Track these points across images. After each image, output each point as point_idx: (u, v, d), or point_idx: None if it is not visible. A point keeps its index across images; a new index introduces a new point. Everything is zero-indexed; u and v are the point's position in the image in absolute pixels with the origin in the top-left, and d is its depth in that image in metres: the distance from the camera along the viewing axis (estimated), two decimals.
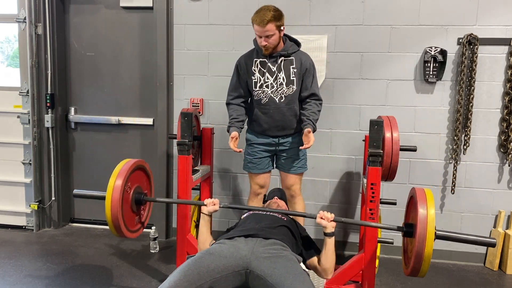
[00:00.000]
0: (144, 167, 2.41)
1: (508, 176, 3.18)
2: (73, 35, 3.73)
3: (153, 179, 2.51)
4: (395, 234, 3.30)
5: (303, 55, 2.68)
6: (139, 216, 2.38)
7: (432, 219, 1.86)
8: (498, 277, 3.06)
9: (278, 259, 1.78)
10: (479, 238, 1.94)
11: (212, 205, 2.23)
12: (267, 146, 2.76)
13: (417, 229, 1.88)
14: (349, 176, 3.37)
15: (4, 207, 3.79)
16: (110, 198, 2.12)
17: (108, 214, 2.13)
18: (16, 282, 2.79)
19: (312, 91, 2.68)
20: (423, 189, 2.03)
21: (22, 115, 3.63)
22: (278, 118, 2.67)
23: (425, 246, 1.84)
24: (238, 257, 1.78)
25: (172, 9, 3.42)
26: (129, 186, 2.24)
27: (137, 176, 2.34)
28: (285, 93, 2.64)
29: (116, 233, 2.20)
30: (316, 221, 2.09)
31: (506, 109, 3.08)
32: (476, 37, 3.03)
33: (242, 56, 2.76)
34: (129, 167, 2.22)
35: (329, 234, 2.07)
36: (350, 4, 3.20)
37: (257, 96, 2.68)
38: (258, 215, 2.20)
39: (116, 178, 2.16)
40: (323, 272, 2.08)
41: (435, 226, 1.87)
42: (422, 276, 1.95)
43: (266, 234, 1.94)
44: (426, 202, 1.92)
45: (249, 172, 2.84)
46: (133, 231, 2.33)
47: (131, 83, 3.70)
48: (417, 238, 1.87)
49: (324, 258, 2.07)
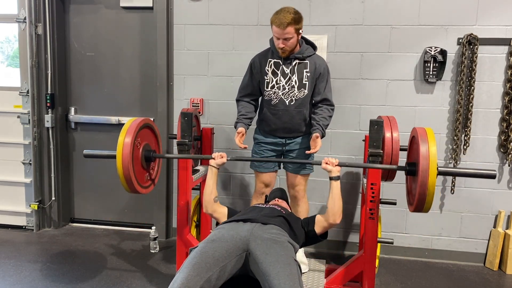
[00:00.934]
0: (152, 125, 2.43)
1: (508, 176, 3.18)
2: (73, 35, 3.73)
3: (160, 138, 2.53)
4: (395, 234, 3.31)
5: (318, 59, 2.66)
6: (149, 174, 2.40)
7: (433, 155, 1.93)
8: (498, 277, 3.06)
9: (274, 244, 1.83)
10: (479, 171, 2.02)
11: (220, 157, 2.31)
12: (274, 146, 2.76)
13: (420, 165, 1.93)
14: (349, 176, 3.37)
15: (4, 207, 3.79)
16: (120, 154, 2.14)
17: (120, 170, 2.15)
18: (16, 282, 2.79)
19: (325, 96, 2.66)
20: (424, 128, 2.08)
21: (22, 115, 3.63)
22: (286, 120, 2.67)
23: (428, 181, 1.90)
24: (238, 239, 1.85)
25: (172, 9, 3.42)
26: (139, 142, 2.26)
27: (145, 134, 2.37)
28: (296, 96, 2.63)
29: (128, 188, 2.23)
30: (321, 166, 2.20)
31: (506, 109, 3.08)
32: (476, 37, 3.03)
33: (257, 54, 2.74)
34: (137, 125, 2.24)
35: (335, 178, 2.17)
36: (350, 4, 3.20)
37: (268, 96, 2.67)
38: (257, 207, 2.26)
39: (125, 135, 2.17)
40: (333, 216, 2.13)
41: (437, 162, 1.93)
42: (426, 211, 2.01)
43: (265, 220, 2.00)
44: (427, 140, 1.97)
45: (255, 170, 2.85)
46: (145, 186, 2.36)
47: (131, 83, 3.70)
48: (420, 173, 1.92)
49: (331, 202, 2.14)
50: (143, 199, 3.77)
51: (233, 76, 3.34)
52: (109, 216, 3.86)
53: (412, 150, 2.25)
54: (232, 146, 3.42)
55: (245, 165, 3.42)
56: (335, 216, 2.13)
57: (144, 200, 3.76)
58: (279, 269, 1.71)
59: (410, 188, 2.26)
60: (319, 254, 3.37)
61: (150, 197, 3.68)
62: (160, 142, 2.53)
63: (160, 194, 3.57)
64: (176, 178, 2.69)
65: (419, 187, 1.94)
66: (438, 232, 3.30)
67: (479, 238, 3.26)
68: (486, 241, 3.25)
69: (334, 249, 3.46)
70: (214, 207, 2.27)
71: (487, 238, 3.24)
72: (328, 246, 3.45)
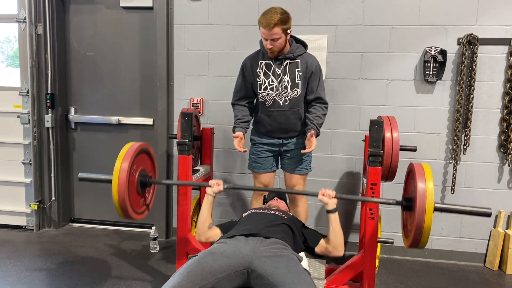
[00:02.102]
0: (148, 150, 2.42)
1: (508, 176, 3.18)
2: (73, 35, 3.73)
3: (156, 162, 2.52)
4: (395, 234, 3.31)
5: (309, 58, 2.65)
6: (144, 199, 2.39)
7: (431, 192, 1.91)
8: (498, 277, 3.06)
9: (280, 259, 1.79)
10: (474, 208, 2.01)
11: (217, 185, 2.27)
12: (271, 147, 2.76)
13: (417, 202, 1.92)
14: (349, 176, 3.37)
15: (4, 207, 3.79)
16: (117, 180, 2.12)
17: (115, 196, 2.13)
18: (16, 282, 2.79)
19: (318, 95, 2.66)
20: (421, 164, 2.07)
21: (22, 115, 3.63)
22: (281, 121, 2.67)
23: (425, 218, 1.89)
24: (240, 257, 1.80)
25: (172, 9, 3.42)
26: (135, 169, 2.25)
27: (142, 159, 2.35)
28: (289, 96, 2.62)
29: (122, 215, 2.20)
30: (318, 198, 2.16)
31: (506, 109, 3.08)
32: (476, 37, 3.02)
33: (248, 57, 2.74)
34: (134, 150, 2.23)
35: (332, 211, 2.13)
36: (350, 4, 3.20)
37: (262, 98, 2.67)
38: (259, 213, 2.22)
39: (122, 160, 2.16)
40: (335, 249, 2.12)
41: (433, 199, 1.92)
42: (422, 247, 2.00)
43: (267, 233, 1.95)
44: (425, 176, 1.96)
45: (253, 171, 2.85)
46: (139, 212, 2.34)
47: (131, 83, 3.70)
48: (417, 210, 1.91)
49: (333, 235, 2.11)
50: None
51: (233, 76, 3.33)
52: (109, 216, 3.86)
53: (408, 185, 2.22)
54: (231, 146, 3.41)
55: (243, 165, 3.42)
56: (338, 249, 2.12)
57: None
58: (293, 278, 1.69)
59: (405, 223, 2.22)
60: None
61: None
62: (156, 167, 2.51)
63: (160, 194, 3.57)
64: (176, 178, 2.69)
65: (415, 224, 1.91)
66: (438, 232, 3.30)
67: (479, 238, 3.25)
68: (486, 241, 3.24)
69: None
70: (207, 235, 2.22)
71: (487, 238, 3.24)
72: None
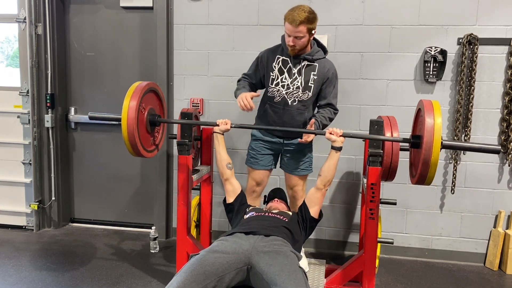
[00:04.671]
0: (156, 89, 2.42)
1: (508, 176, 3.18)
2: (73, 35, 3.73)
3: (165, 102, 2.53)
4: (395, 234, 3.31)
5: (327, 63, 2.62)
6: (154, 138, 2.40)
7: (438, 128, 1.91)
8: (498, 277, 3.06)
9: (277, 255, 1.81)
10: (483, 145, 2.00)
11: (224, 124, 2.38)
12: (272, 145, 2.74)
13: (424, 137, 1.92)
14: (349, 176, 3.37)
15: (4, 207, 3.79)
16: (126, 118, 2.14)
17: (125, 134, 2.15)
18: (16, 282, 2.79)
19: (329, 101, 2.63)
20: (431, 100, 2.06)
21: (22, 115, 3.63)
22: (286, 119, 2.63)
23: (432, 153, 1.89)
24: (241, 252, 1.83)
25: (172, 9, 3.42)
26: (143, 106, 2.25)
27: (150, 98, 2.36)
28: (299, 98, 2.59)
29: (133, 151, 2.22)
30: (325, 136, 2.23)
31: (506, 109, 3.08)
32: (476, 37, 3.02)
33: (266, 49, 2.69)
34: (142, 89, 2.23)
35: (337, 148, 2.21)
36: (350, 4, 3.20)
37: (271, 93, 2.63)
38: (260, 216, 2.22)
39: (130, 99, 2.16)
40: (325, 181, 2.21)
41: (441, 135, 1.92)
42: (428, 184, 1.99)
43: (267, 231, 1.98)
44: (433, 113, 1.95)
45: (249, 166, 2.82)
46: (149, 151, 2.37)
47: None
48: (424, 145, 1.91)
49: (327, 169, 2.20)
50: (143, 199, 3.77)
51: (233, 76, 3.34)
52: (109, 216, 3.86)
53: (417, 123, 2.21)
54: (231, 146, 3.42)
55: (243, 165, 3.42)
56: (324, 181, 2.21)
57: (144, 200, 3.76)
58: (285, 277, 1.70)
59: (413, 161, 2.23)
60: (319, 254, 3.38)
61: (150, 197, 3.69)
62: (165, 107, 2.53)
63: (160, 194, 3.57)
64: (176, 178, 2.69)
65: (422, 159, 1.91)
66: (438, 232, 3.30)
67: (479, 238, 3.26)
68: (486, 241, 3.25)
69: (334, 249, 3.46)
70: (228, 175, 2.34)
71: (487, 238, 3.24)
72: (328, 246, 3.46)
